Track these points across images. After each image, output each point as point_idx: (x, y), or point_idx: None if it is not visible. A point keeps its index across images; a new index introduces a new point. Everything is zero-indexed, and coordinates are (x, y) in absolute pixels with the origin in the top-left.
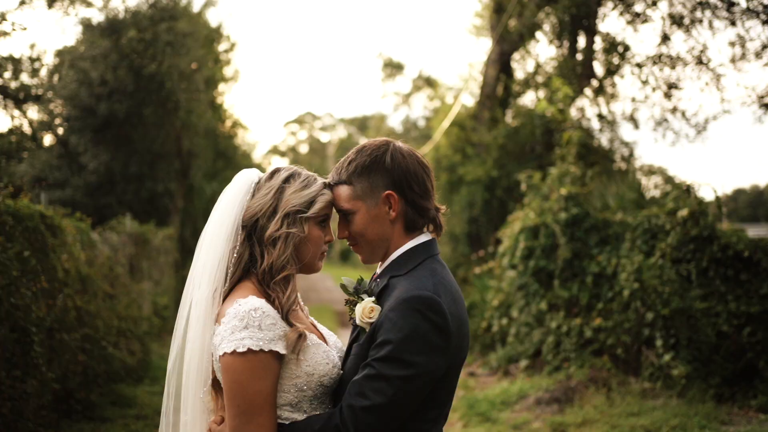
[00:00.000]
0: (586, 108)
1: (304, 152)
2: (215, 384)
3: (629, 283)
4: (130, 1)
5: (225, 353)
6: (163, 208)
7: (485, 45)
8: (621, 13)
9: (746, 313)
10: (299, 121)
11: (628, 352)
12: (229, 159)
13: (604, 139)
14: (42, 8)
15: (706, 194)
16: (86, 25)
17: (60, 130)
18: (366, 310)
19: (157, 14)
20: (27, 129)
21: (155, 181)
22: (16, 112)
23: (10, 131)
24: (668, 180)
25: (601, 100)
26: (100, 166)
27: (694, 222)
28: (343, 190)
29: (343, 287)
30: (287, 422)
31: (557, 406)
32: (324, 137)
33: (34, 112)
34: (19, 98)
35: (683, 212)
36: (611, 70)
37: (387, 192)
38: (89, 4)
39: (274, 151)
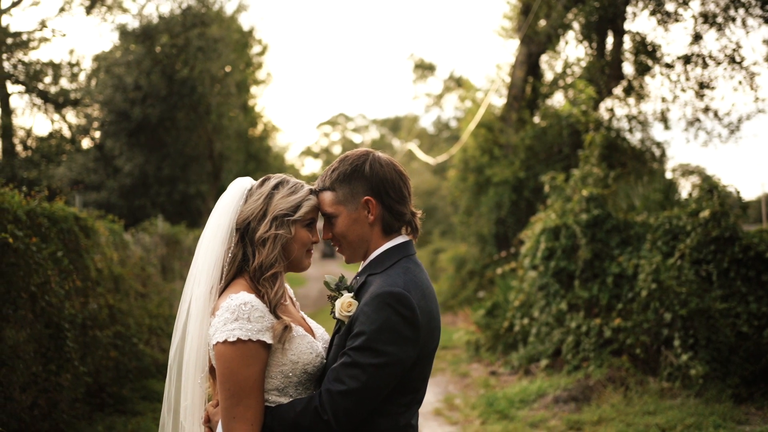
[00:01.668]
0: (616, 109)
1: (337, 153)
2: (212, 371)
3: (647, 284)
4: (163, 8)
5: (218, 342)
6: (195, 210)
7: (513, 46)
8: (651, 13)
9: (767, 314)
10: (332, 122)
11: (647, 352)
12: (260, 161)
13: (634, 140)
14: (80, 15)
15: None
16: (122, 31)
17: (96, 134)
18: (344, 304)
19: (188, 20)
20: (66, 133)
21: (187, 183)
22: (56, 116)
23: (51, 135)
24: (706, 179)
25: (630, 100)
26: (134, 169)
27: (715, 223)
28: (327, 196)
29: (326, 284)
30: (274, 405)
31: (575, 404)
32: (357, 138)
33: (72, 116)
34: (59, 103)
35: (705, 213)
36: (641, 70)
37: (366, 197)
38: (125, 10)
39: (308, 152)
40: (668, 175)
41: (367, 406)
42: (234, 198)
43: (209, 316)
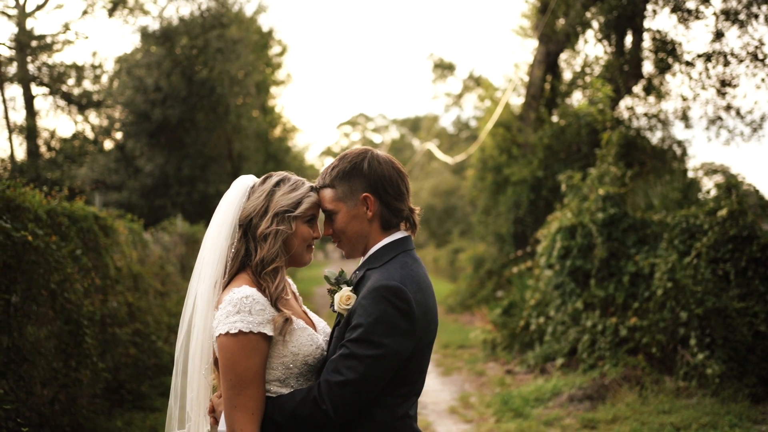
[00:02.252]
0: (635, 107)
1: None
2: (216, 362)
3: (663, 283)
4: (183, 10)
5: (220, 334)
6: (214, 210)
7: (531, 45)
8: (672, 10)
9: None
10: (352, 122)
11: (663, 351)
12: (279, 161)
13: (655, 139)
14: (103, 17)
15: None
16: (143, 33)
17: (118, 135)
18: (343, 298)
19: (208, 22)
20: (89, 134)
21: (207, 183)
22: (79, 118)
23: (74, 136)
24: (730, 178)
25: (650, 99)
26: (155, 170)
27: (733, 222)
28: (327, 193)
29: (326, 278)
30: (275, 395)
31: (590, 403)
32: (377, 138)
33: (95, 117)
34: (82, 104)
35: (722, 212)
36: (661, 68)
37: (364, 194)
38: (146, 12)
39: (328, 152)
40: (690, 174)
41: (365, 397)
42: (237, 195)
43: (213, 309)
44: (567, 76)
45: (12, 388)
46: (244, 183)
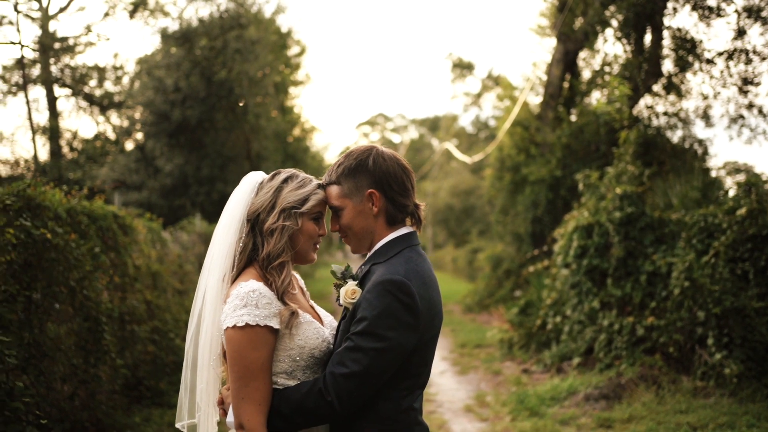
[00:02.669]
0: (655, 106)
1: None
2: (225, 355)
3: (680, 282)
4: (202, 11)
5: (228, 327)
6: None
7: (550, 44)
8: (693, 8)
9: None
10: (371, 122)
11: (681, 350)
12: (298, 161)
13: (675, 137)
14: (124, 19)
15: None
16: (163, 34)
17: (139, 136)
18: (349, 292)
19: (226, 23)
20: (111, 135)
21: (226, 183)
22: (101, 119)
23: (96, 137)
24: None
25: (670, 97)
26: (174, 170)
27: (752, 221)
28: (333, 190)
29: (333, 273)
30: (282, 387)
31: (606, 402)
32: (396, 138)
33: (116, 118)
34: (104, 105)
35: (742, 211)
36: (681, 67)
37: (370, 190)
38: (166, 14)
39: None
40: (713, 173)
41: (369, 389)
42: (246, 191)
43: (222, 302)
44: (586, 75)
45: (33, 383)
46: (253, 179)
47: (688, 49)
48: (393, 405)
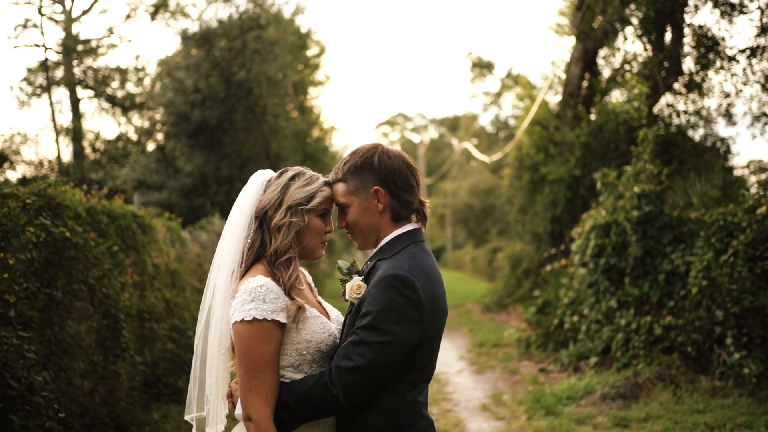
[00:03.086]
0: (676, 104)
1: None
2: (233, 348)
3: (698, 281)
4: (221, 12)
5: (236, 321)
6: None
7: (568, 43)
8: (715, 5)
9: None
10: (391, 122)
11: (699, 350)
12: (317, 161)
13: (697, 136)
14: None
15: None
16: (183, 36)
17: (159, 136)
18: (354, 287)
19: (245, 24)
20: (132, 135)
21: (245, 182)
22: (122, 120)
23: (118, 137)
24: None
25: (691, 95)
26: (194, 170)
27: None
28: (340, 187)
29: (339, 269)
30: (289, 381)
31: (623, 402)
32: (415, 138)
33: (138, 119)
34: (125, 106)
35: (762, 209)
36: (702, 65)
37: (375, 187)
38: (186, 15)
39: None
40: (737, 172)
41: (374, 382)
42: (254, 188)
43: (230, 298)
44: (606, 73)
45: (53, 378)
46: (261, 177)
47: (709, 46)
48: (398, 398)
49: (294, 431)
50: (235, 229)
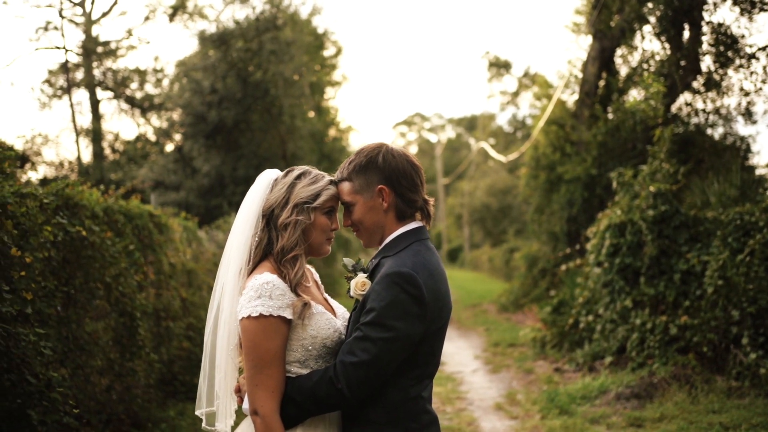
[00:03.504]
0: (694, 103)
1: (413, 153)
2: (241, 344)
3: (713, 281)
4: (238, 13)
5: (243, 317)
6: None
7: (585, 42)
8: (734, 3)
9: None
10: (408, 122)
11: (715, 350)
12: (334, 161)
13: (716, 135)
14: (164, 22)
15: None
16: (201, 37)
17: (177, 137)
18: (359, 284)
19: (261, 24)
20: (151, 136)
21: None
22: (141, 121)
23: (137, 138)
24: None
25: (710, 94)
26: (211, 170)
27: None
28: (345, 186)
29: (344, 266)
30: (295, 376)
31: (637, 401)
32: (432, 138)
33: (156, 120)
34: (144, 107)
35: None
36: (721, 63)
37: (380, 186)
38: (204, 17)
39: None
40: (760, 171)
41: (378, 377)
42: (261, 188)
43: (238, 294)
44: (623, 72)
45: (71, 375)
46: (268, 176)
47: (728, 44)
48: (401, 393)
49: (300, 425)
50: (243, 228)
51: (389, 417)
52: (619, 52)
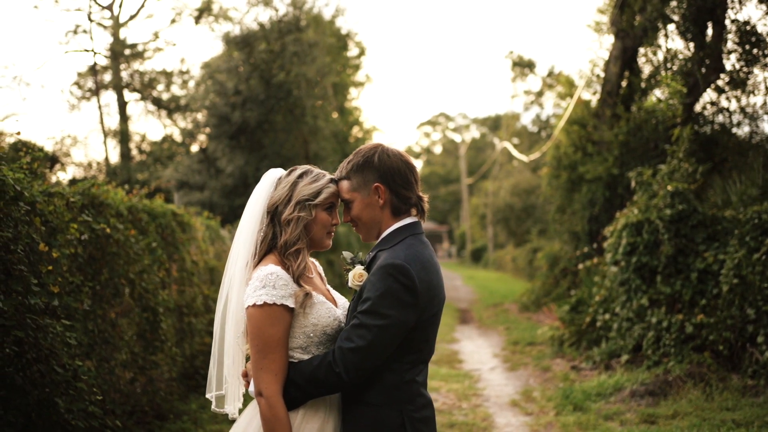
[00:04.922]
0: (718, 102)
1: (437, 153)
2: (247, 332)
3: (729, 279)
4: (261, 16)
5: (249, 306)
6: None
7: (608, 42)
8: (760, 1)
9: None
10: (432, 122)
11: (731, 348)
12: None
13: (741, 134)
14: (190, 25)
15: None
16: (225, 39)
17: (202, 137)
18: (356, 275)
19: (284, 26)
20: (177, 137)
21: None
22: (168, 122)
23: (164, 139)
24: None
25: (734, 93)
26: (234, 170)
27: None
28: (344, 184)
29: (343, 259)
30: (297, 361)
31: (652, 399)
32: (457, 138)
33: (182, 121)
34: (170, 108)
35: None
36: (747, 61)
37: (376, 184)
38: (228, 19)
39: (409, 152)
40: None
41: (374, 362)
42: (266, 186)
43: (245, 286)
44: (645, 71)
45: (96, 367)
46: (272, 175)
47: (754, 42)
48: (397, 377)
49: (302, 407)
50: (249, 224)
51: (385, 399)
52: (641, 51)
